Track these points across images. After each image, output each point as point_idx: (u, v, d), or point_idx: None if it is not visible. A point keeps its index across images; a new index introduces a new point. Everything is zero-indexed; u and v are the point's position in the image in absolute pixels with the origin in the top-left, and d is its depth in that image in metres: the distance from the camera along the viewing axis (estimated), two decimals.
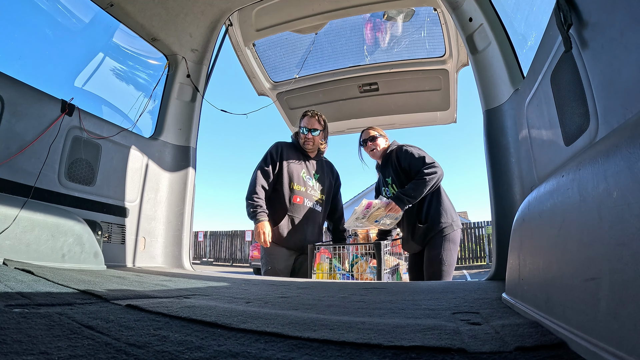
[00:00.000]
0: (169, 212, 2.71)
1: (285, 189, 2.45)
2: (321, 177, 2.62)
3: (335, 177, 2.75)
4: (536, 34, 1.40)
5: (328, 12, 2.75)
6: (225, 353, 0.51)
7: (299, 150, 2.58)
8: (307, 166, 2.57)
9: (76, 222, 1.89)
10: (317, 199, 2.55)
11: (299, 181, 2.49)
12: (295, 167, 2.51)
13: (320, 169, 2.64)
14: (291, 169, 2.49)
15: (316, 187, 2.57)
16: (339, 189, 2.81)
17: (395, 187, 2.42)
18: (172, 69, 2.76)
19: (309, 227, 2.49)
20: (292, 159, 2.53)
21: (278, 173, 2.48)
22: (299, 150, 2.58)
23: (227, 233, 18.34)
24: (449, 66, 3.00)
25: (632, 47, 0.65)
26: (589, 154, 0.56)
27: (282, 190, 2.45)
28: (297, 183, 2.49)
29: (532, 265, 0.72)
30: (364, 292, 1.36)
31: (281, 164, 2.49)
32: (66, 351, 0.47)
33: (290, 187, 2.47)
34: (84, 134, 2.20)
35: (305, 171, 2.54)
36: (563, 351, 0.49)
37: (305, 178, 2.53)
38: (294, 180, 2.48)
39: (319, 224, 2.59)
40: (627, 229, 0.39)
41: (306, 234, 2.47)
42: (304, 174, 2.54)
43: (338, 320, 0.72)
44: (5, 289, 0.91)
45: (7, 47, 2.13)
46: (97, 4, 2.27)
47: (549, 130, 1.19)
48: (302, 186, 2.50)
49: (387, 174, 2.49)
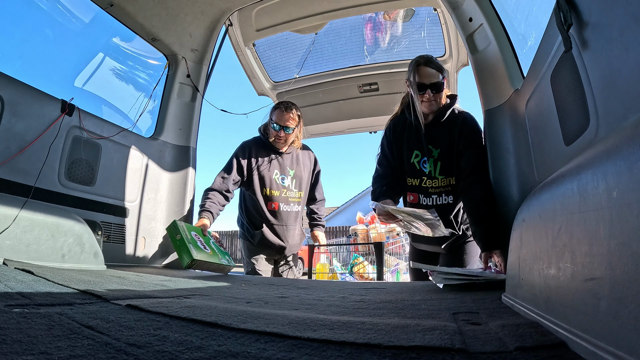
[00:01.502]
0: (169, 212, 2.71)
1: (259, 197, 2.30)
2: (297, 172, 2.42)
3: (313, 163, 2.54)
4: (536, 34, 1.40)
5: (328, 12, 2.75)
6: (225, 353, 0.51)
7: (269, 147, 2.35)
8: (279, 164, 2.36)
9: (76, 222, 1.89)
10: (295, 199, 2.40)
11: (272, 186, 2.33)
12: (267, 170, 2.31)
13: (296, 161, 2.43)
14: (262, 174, 2.31)
15: (292, 186, 2.39)
16: (318, 176, 2.60)
17: (439, 168, 1.74)
18: (172, 69, 2.76)
19: (289, 231, 2.38)
20: (261, 159, 2.32)
21: (248, 181, 2.30)
22: (268, 147, 2.36)
23: (227, 233, 18.33)
24: (449, 66, 3.00)
25: (632, 47, 0.65)
26: (589, 154, 0.56)
27: (256, 198, 2.30)
28: (271, 188, 2.33)
29: (532, 265, 0.71)
30: (364, 292, 1.36)
31: (250, 169, 2.29)
32: (66, 351, 0.47)
33: (264, 194, 2.31)
34: (84, 134, 2.20)
35: (277, 172, 2.35)
36: (563, 351, 0.49)
37: (278, 180, 2.35)
38: (266, 186, 2.32)
39: (299, 224, 2.49)
40: (627, 229, 0.39)
41: (287, 238, 2.38)
42: (277, 175, 2.34)
43: (338, 320, 0.72)
44: (5, 289, 0.91)
45: (7, 47, 2.13)
46: (97, 4, 2.26)
47: (549, 130, 1.19)
48: (277, 190, 2.34)
49: (437, 142, 1.76)
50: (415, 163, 1.80)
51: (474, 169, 1.67)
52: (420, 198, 1.80)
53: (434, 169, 1.76)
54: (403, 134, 1.85)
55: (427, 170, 1.77)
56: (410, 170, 1.82)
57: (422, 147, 1.78)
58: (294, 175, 2.41)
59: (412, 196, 1.82)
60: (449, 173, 1.75)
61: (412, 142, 1.82)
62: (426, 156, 1.78)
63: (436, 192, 1.78)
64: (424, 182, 1.78)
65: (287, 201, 2.37)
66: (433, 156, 1.76)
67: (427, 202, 1.78)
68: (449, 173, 1.75)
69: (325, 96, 3.40)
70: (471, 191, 1.64)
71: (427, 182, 1.77)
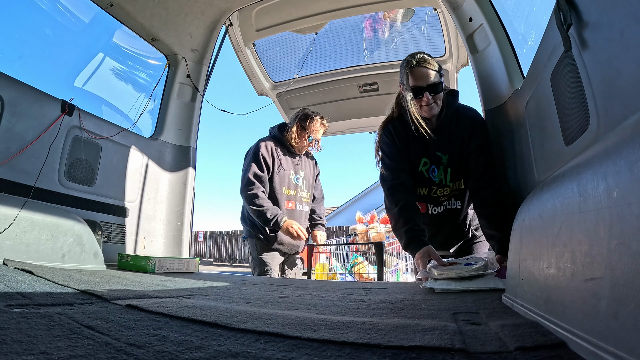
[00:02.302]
0: (169, 212, 2.71)
1: (278, 195, 2.35)
2: (306, 173, 2.51)
3: (314, 165, 2.65)
4: (536, 34, 1.40)
5: (328, 12, 2.75)
6: (225, 353, 0.51)
7: (286, 147, 2.43)
8: (294, 166, 2.45)
9: (76, 222, 1.89)
10: (306, 199, 2.50)
11: (290, 185, 2.41)
12: (286, 170, 2.39)
13: (306, 164, 2.53)
14: (282, 174, 2.38)
15: (304, 187, 2.48)
16: (318, 177, 2.71)
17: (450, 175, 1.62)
18: (172, 69, 2.76)
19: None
20: (282, 160, 2.39)
21: (270, 178, 2.36)
22: (285, 147, 2.43)
23: (227, 233, 18.33)
24: (449, 66, 3.00)
25: (632, 47, 0.65)
26: (589, 154, 0.56)
27: (274, 196, 2.35)
28: (288, 187, 2.40)
29: (532, 266, 0.71)
30: (364, 292, 1.36)
31: (273, 168, 2.35)
32: (66, 351, 0.47)
33: (282, 193, 2.38)
34: (84, 134, 2.20)
35: (293, 172, 2.44)
36: (563, 351, 0.49)
37: (294, 180, 2.43)
38: (285, 185, 2.38)
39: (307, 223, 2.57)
40: (627, 229, 0.39)
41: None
42: (293, 175, 2.43)
43: (338, 320, 0.72)
44: (5, 289, 0.91)
45: (7, 47, 2.13)
46: (97, 4, 2.27)
47: (549, 130, 1.19)
48: (294, 190, 2.42)
49: (446, 147, 1.61)
50: (424, 172, 1.64)
51: (485, 169, 1.55)
52: (429, 208, 1.70)
53: (445, 176, 1.63)
54: (409, 140, 1.64)
55: (437, 180, 1.64)
56: (419, 180, 1.66)
57: (430, 154, 1.63)
58: (304, 176, 2.49)
59: (420, 206, 1.68)
60: (458, 178, 1.65)
61: (418, 149, 1.64)
62: (435, 164, 1.63)
63: (445, 199, 1.69)
64: (434, 191, 1.66)
65: (301, 201, 2.46)
66: (443, 163, 1.62)
67: (437, 211, 1.69)
68: (458, 178, 1.65)
69: (325, 96, 3.40)
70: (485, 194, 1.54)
71: (438, 191, 1.65)
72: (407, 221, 1.50)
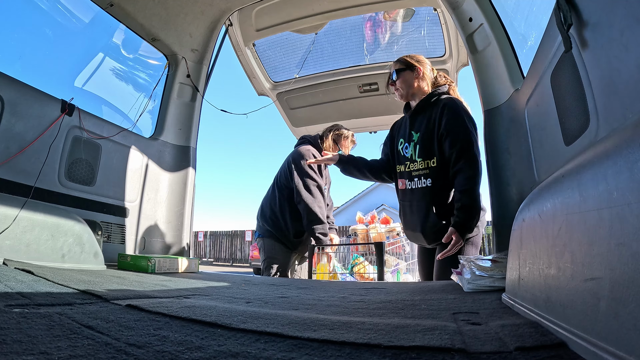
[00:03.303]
0: (169, 212, 2.71)
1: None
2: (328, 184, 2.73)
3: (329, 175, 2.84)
4: (536, 34, 1.40)
5: (328, 12, 2.75)
6: (225, 353, 0.51)
7: None
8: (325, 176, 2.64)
9: (76, 222, 1.89)
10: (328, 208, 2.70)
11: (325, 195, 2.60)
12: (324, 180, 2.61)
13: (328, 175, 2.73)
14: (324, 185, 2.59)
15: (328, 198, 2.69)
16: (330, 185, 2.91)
17: (418, 151, 1.77)
18: (172, 69, 2.76)
19: None
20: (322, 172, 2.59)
21: None
22: None
23: (227, 233, 18.33)
24: (449, 66, 3.00)
25: (632, 47, 0.65)
26: (589, 154, 0.56)
27: None
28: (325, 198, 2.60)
29: (532, 265, 0.71)
30: (364, 292, 1.36)
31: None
32: (66, 351, 0.47)
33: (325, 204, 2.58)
34: (84, 134, 2.20)
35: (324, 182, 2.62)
36: (563, 351, 0.49)
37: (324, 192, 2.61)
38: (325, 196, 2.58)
39: None
40: (627, 229, 0.39)
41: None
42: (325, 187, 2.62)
43: (338, 320, 0.72)
44: (5, 289, 0.91)
45: (7, 47, 2.13)
46: (97, 4, 2.26)
47: (549, 130, 1.19)
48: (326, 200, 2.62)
49: (418, 126, 1.79)
50: (400, 150, 1.89)
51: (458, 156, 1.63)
52: (407, 184, 1.86)
53: (414, 152, 1.80)
54: (399, 127, 1.98)
55: (409, 155, 1.83)
56: (397, 158, 1.91)
57: (406, 135, 1.87)
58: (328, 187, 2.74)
59: (401, 182, 1.89)
60: (427, 156, 1.75)
61: (400, 132, 1.95)
62: (407, 142, 1.85)
63: (417, 175, 1.80)
64: (407, 166, 1.84)
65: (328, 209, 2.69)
66: (413, 140, 1.82)
67: (411, 187, 1.83)
68: (427, 156, 1.75)
69: (325, 96, 3.40)
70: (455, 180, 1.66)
71: (410, 165, 1.83)
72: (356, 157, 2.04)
